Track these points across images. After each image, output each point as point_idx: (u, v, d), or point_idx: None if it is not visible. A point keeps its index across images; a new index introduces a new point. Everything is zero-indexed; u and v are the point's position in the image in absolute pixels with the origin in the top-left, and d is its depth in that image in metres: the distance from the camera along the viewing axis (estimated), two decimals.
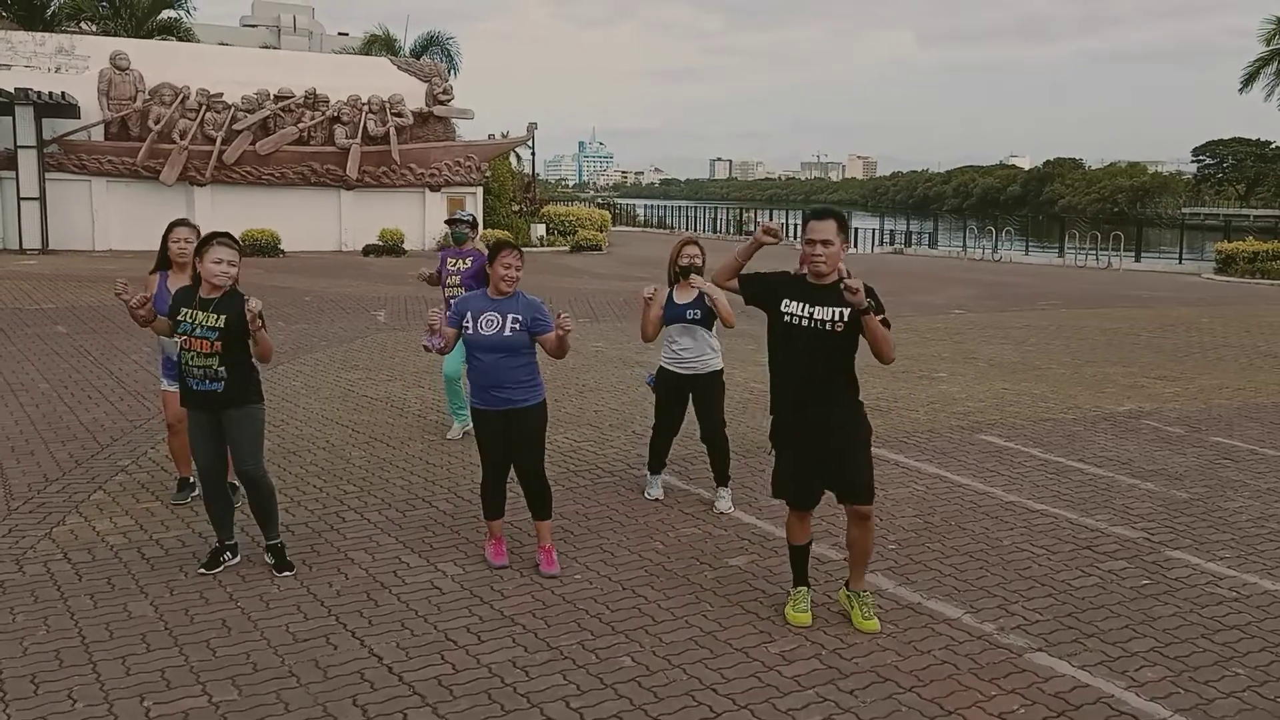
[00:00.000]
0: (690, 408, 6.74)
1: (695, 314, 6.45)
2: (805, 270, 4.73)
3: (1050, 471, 7.57)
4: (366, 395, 9.94)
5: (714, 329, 6.54)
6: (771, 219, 49.26)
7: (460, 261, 8.19)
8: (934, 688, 4.26)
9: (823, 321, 4.64)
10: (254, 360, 5.29)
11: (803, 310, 4.66)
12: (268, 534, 5.50)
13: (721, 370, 6.64)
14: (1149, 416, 9.47)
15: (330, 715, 3.98)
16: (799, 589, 4.97)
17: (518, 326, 5.33)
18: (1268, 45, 35.54)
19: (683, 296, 6.47)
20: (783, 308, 4.71)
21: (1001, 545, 5.99)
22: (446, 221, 8.20)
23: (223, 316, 5.13)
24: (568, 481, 7.11)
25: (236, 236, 5.43)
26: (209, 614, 4.87)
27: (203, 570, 5.35)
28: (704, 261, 6.46)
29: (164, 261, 6.17)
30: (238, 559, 5.49)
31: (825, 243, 4.61)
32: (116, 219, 26.30)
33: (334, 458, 7.66)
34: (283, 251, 26.33)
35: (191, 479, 6.46)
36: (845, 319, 4.61)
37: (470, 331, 5.34)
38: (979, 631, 4.82)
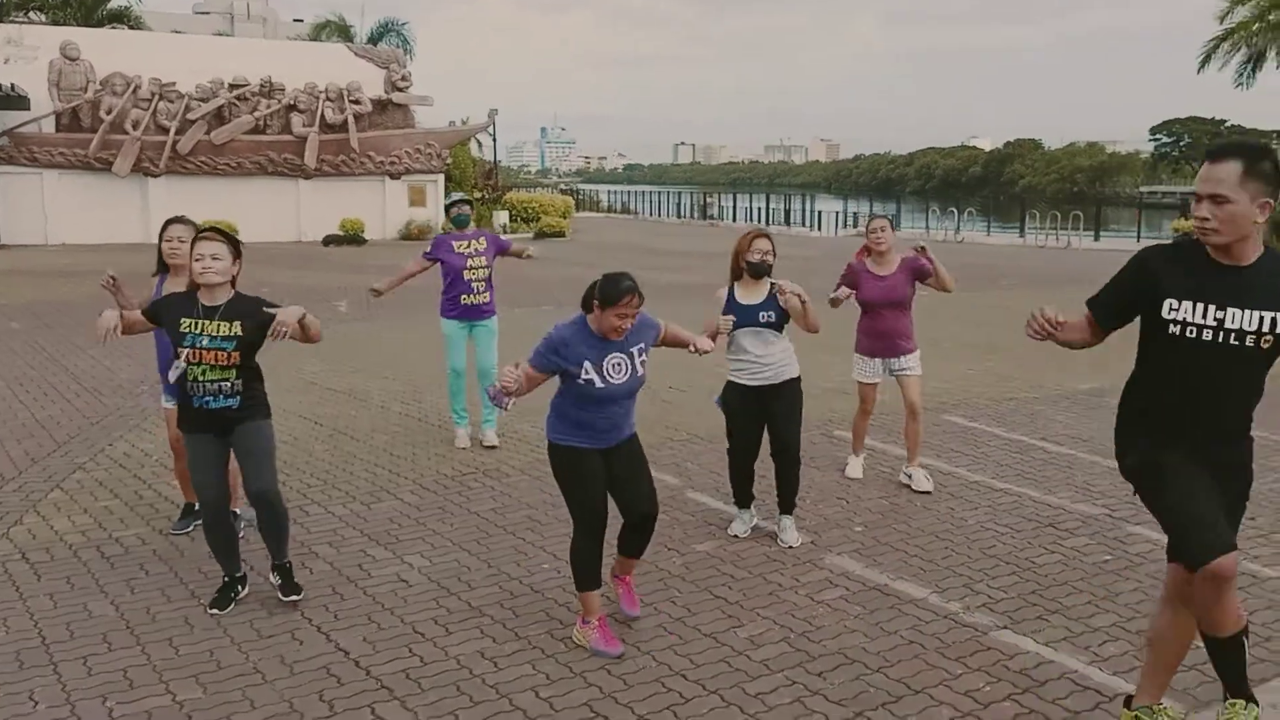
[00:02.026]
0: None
1: (769, 315, 5.53)
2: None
3: (1013, 450, 7.65)
4: (329, 387, 9.85)
5: (785, 330, 5.64)
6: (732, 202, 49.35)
7: (473, 243, 7.56)
8: (901, 668, 4.29)
9: (1243, 334, 3.06)
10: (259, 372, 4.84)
11: (1204, 316, 3.06)
12: (278, 556, 4.93)
13: (799, 377, 5.70)
14: (1109, 394, 9.57)
15: (297, 711, 3.94)
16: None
17: (644, 357, 4.51)
18: (1221, 23, 35.92)
19: (749, 296, 5.58)
20: (1166, 312, 3.11)
21: (966, 525, 6.04)
22: (449, 205, 7.63)
23: (236, 323, 4.63)
24: (534, 470, 7.07)
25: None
26: (171, 611, 4.81)
27: (214, 611, 4.76)
28: (775, 257, 5.63)
29: (162, 264, 5.67)
30: (246, 591, 4.97)
31: (1219, 199, 2.98)
32: (69, 212, 25.86)
33: (297, 451, 7.58)
34: (241, 242, 26.00)
35: (196, 506, 5.58)
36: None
37: (599, 385, 4.33)
38: (945, 611, 4.86)
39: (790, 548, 5.64)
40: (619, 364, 4.38)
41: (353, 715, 3.91)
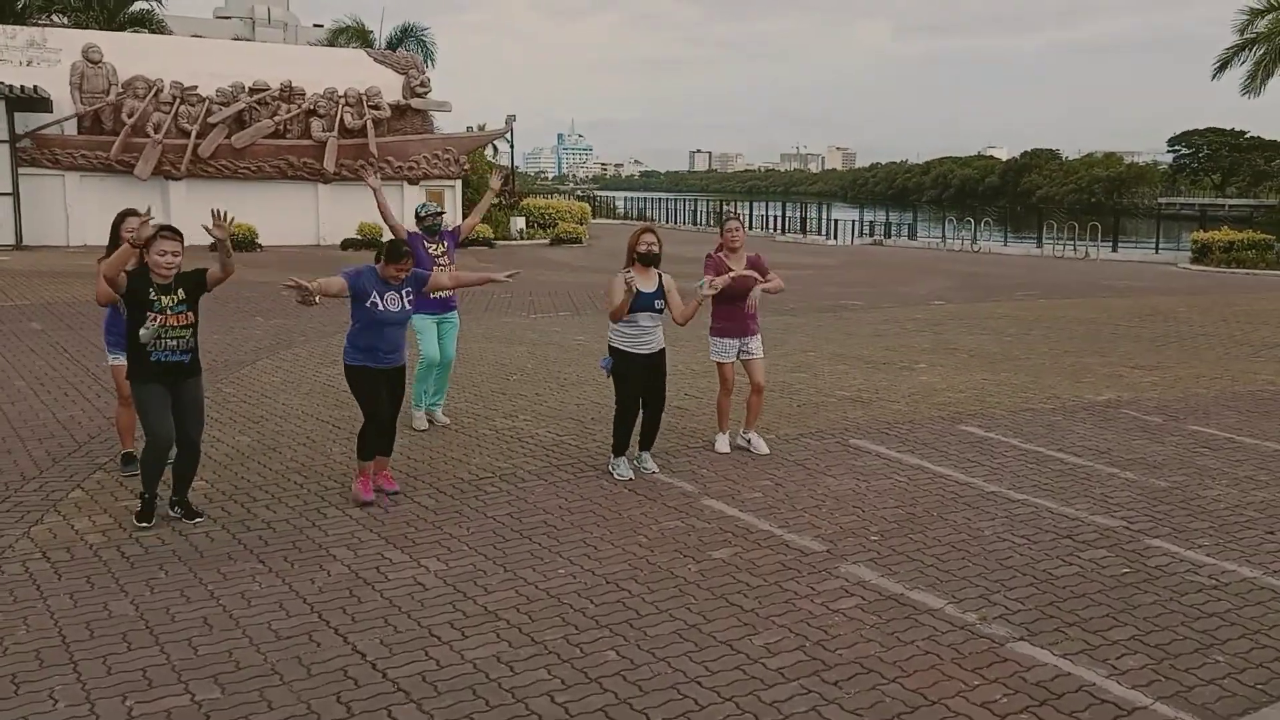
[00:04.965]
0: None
1: (661, 304, 6.97)
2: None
3: (1030, 461, 7.62)
4: (346, 390, 9.85)
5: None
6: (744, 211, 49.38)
7: (439, 244, 8.51)
8: (917, 678, 4.28)
9: None
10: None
11: None
12: (182, 492, 6.11)
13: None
14: (1127, 406, 9.54)
15: (314, 713, 3.96)
16: None
17: (411, 298, 6.54)
18: (1241, 35, 35.73)
19: (645, 285, 6.89)
20: None
21: (983, 535, 6.03)
22: (421, 217, 8.51)
23: (181, 290, 5.79)
24: (550, 475, 7.10)
25: (179, 228, 5.87)
26: (190, 612, 4.84)
27: (144, 525, 5.88)
28: (660, 249, 7.01)
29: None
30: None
31: None
32: (91, 214, 26.03)
33: (314, 453, 7.61)
34: (260, 246, 26.17)
35: (134, 452, 6.83)
36: None
37: (381, 309, 6.33)
38: (961, 621, 4.84)
39: (655, 473, 7.07)
40: (393, 299, 6.38)
41: (369, 717, 3.93)
